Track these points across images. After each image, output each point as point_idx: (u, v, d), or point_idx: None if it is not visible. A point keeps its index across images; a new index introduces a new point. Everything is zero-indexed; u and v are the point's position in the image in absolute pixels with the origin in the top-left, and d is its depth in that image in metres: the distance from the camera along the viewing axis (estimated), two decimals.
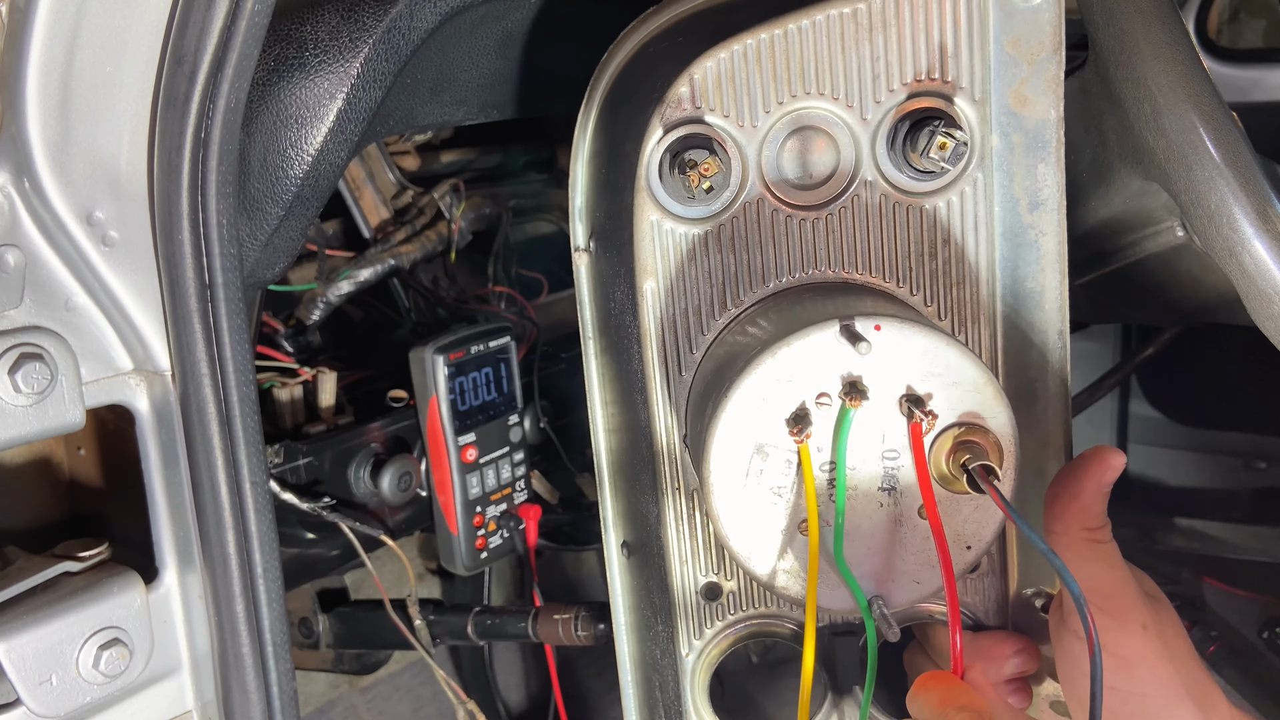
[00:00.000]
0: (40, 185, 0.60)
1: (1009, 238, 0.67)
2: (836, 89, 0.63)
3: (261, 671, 0.69)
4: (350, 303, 1.19)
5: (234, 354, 0.65)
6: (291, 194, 0.73)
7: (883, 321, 0.56)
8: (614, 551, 0.79)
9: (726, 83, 0.62)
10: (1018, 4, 0.63)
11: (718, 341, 0.66)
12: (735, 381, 0.57)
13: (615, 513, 0.78)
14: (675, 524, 0.71)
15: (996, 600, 0.73)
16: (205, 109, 0.61)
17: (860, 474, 0.59)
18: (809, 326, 0.57)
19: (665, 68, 0.65)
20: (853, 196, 0.65)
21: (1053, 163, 0.66)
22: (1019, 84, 0.64)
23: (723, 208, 0.64)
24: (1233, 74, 1.60)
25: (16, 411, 0.59)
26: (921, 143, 0.62)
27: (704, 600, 0.72)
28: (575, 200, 0.73)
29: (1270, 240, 0.67)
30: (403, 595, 1.14)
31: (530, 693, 1.68)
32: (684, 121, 0.62)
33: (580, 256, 0.74)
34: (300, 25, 0.73)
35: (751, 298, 0.66)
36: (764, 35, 0.62)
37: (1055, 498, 0.62)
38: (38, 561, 0.65)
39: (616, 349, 0.73)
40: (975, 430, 0.58)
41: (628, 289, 0.67)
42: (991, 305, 0.67)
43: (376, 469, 1.08)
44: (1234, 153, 0.67)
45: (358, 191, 1.20)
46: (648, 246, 0.65)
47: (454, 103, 0.90)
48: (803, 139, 0.64)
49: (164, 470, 0.67)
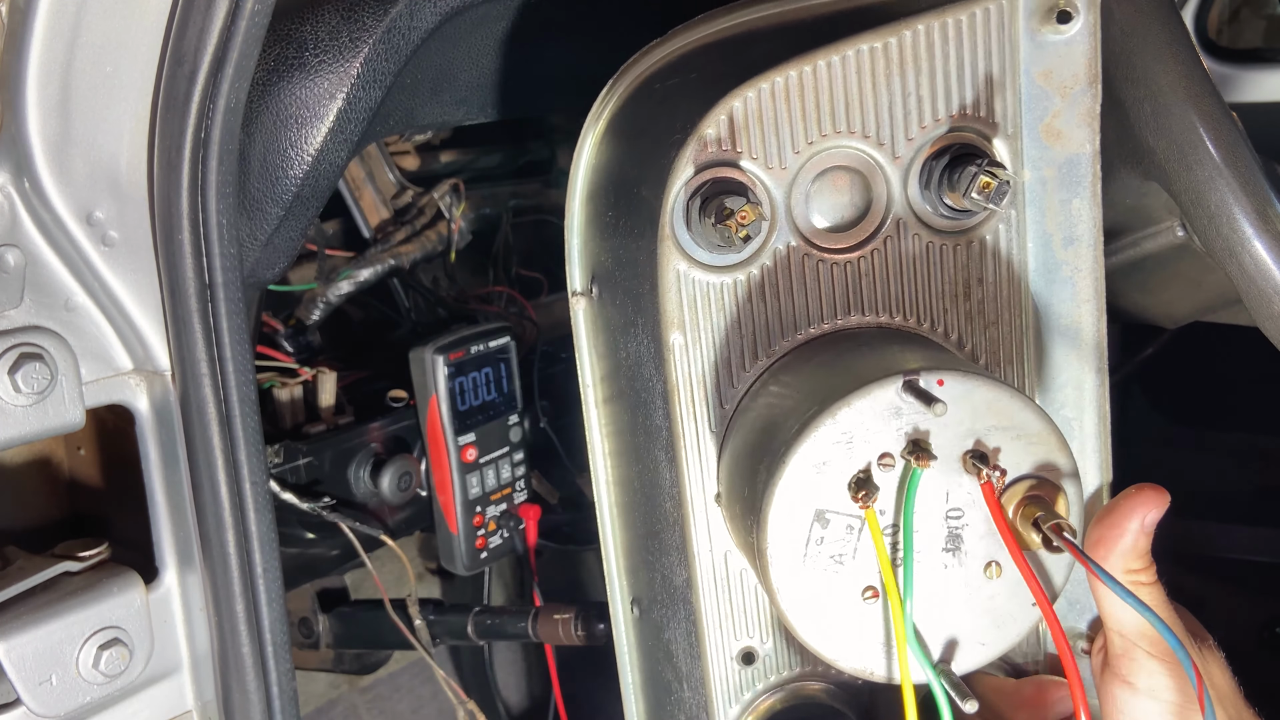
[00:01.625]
0: (40, 185, 0.60)
1: (1042, 274, 0.65)
2: (868, 126, 0.60)
3: (261, 671, 0.69)
4: (350, 303, 1.19)
5: (234, 354, 0.65)
6: (291, 194, 0.73)
7: (945, 375, 0.54)
8: (621, 608, 0.75)
9: (755, 123, 0.59)
10: (1049, 36, 0.61)
11: (751, 394, 0.63)
12: (792, 445, 0.54)
13: (622, 569, 0.75)
14: (707, 588, 0.66)
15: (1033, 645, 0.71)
16: (205, 109, 0.61)
17: (922, 535, 0.57)
18: (867, 384, 0.54)
19: (685, 105, 0.62)
20: (885, 238, 0.62)
21: (1088, 198, 0.63)
22: (1051, 117, 0.62)
23: (752, 254, 0.61)
24: (1233, 74, 1.60)
25: (16, 411, 0.59)
26: (963, 183, 0.59)
27: (740, 666, 0.68)
28: (572, 242, 0.70)
29: (1270, 240, 0.67)
30: (403, 595, 1.14)
31: (530, 693, 1.68)
32: (714, 164, 0.59)
33: (578, 301, 0.71)
34: (300, 25, 0.73)
35: (784, 347, 0.63)
36: (793, 72, 0.59)
37: (1099, 539, 0.60)
38: (38, 561, 0.65)
39: (628, 401, 0.69)
40: (1042, 485, 0.56)
41: (648, 341, 0.64)
42: (1027, 344, 0.65)
43: (376, 469, 1.08)
44: (1234, 153, 0.67)
45: (358, 191, 1.20)
46: (674, 298, 0.61)
47: (454, 103, 0.90)
48: (832, 179, 0.62)
49: (164, 470, 0.67)
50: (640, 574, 0.74)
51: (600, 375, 0.72)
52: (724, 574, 0.66)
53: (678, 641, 0.71)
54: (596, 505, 0.74)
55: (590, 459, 0.74)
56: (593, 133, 0.69)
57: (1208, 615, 0.64)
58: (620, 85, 0.69)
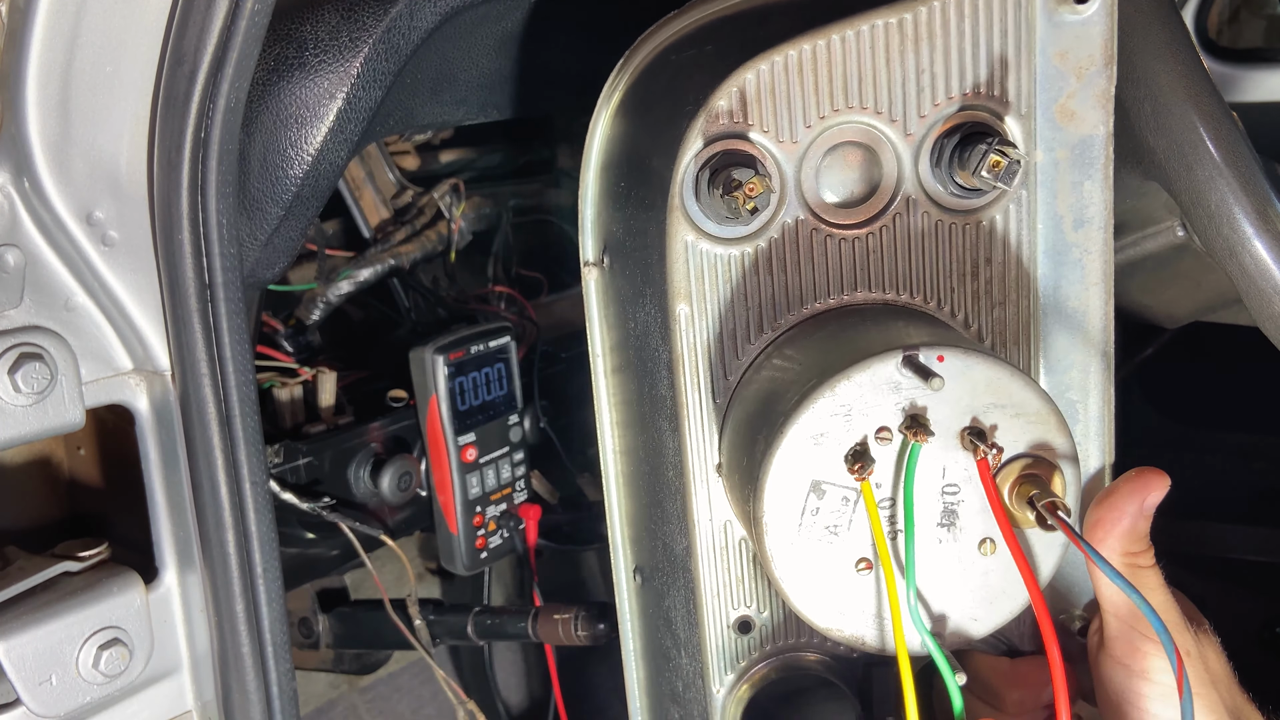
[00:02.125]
0: (40, 185, 0.60)
1: (1051, 256, 0.65)
2: (880, 102, 0.60)
3: (261, 671, 0.69)
4: (350, 303, 1.19)
5: (234, 354, 0.65)
6: (291, 194, 0.73)
7: (945, 352, 0.54)
8: (624, 576, 0.76)
9: (767, 96, 0.59)
10: (1066, 15, 0.60)
11: (755, 367, 0.63)
12: (790, 417, 0.55)
13: (626, 538, 0.76)
14: (706, 557, 0.67)
15: (1030, 624, 0.70)
16: (205, 109, 0.61)
17: (918, 509, 0.57)
18: (867, 358, 0.54)
19: (698, 78, 0.62)
20: (894, 215, 0.62)
21: (1100, 180, 0.63)
22: (1065, 98, 0.62)
23: (760, 227, 0.61)
24: (1233, 74, 1.60)
25: (16, 411, 0.59)
26: (973, 161, 0.59)
27: (736, 634, 0.69)
28: (585, 212, 0.71)
29: (1270, 240, 0.67)
30: (403, 595, 1.14)
31: (530, 693, 1.68)
32: (724, 136, 0.59)
33: (590, 271, 0.71)
34: (300, 25, 0.73)
35: (789, 321, 0.63)
36: (806, 46, 0.59)
37: (1097, 521, 0.60)
38: (38, 561, 0.65)
39: (635, 371, 0.70)
40: (1039, 464, 0.56)
41: (655, 311, 0.65)
42: (1033, 325, 0.65)
43: (376, 469, 1.08)
44: (1234, 153, 0.67)
45: (358, 191, 1.20)
46: (681, 269, 0.61)
47: (454, 103, 0.90)
48: (843, 154, 0.62)
49: (164, 470, 0.67)
50: (643, 543, 0.75)
51: (610, 345, 0.73)
52: (723, 543, 0.67)
53: (677, 609, 0.71)
54: (603, 474, 0.75)
55: (598, 428, 0.74)
56: (608, 105, 0.70)
57: (1208, 615, 0.64)
58: (636, 58, 0.69)
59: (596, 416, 0.74)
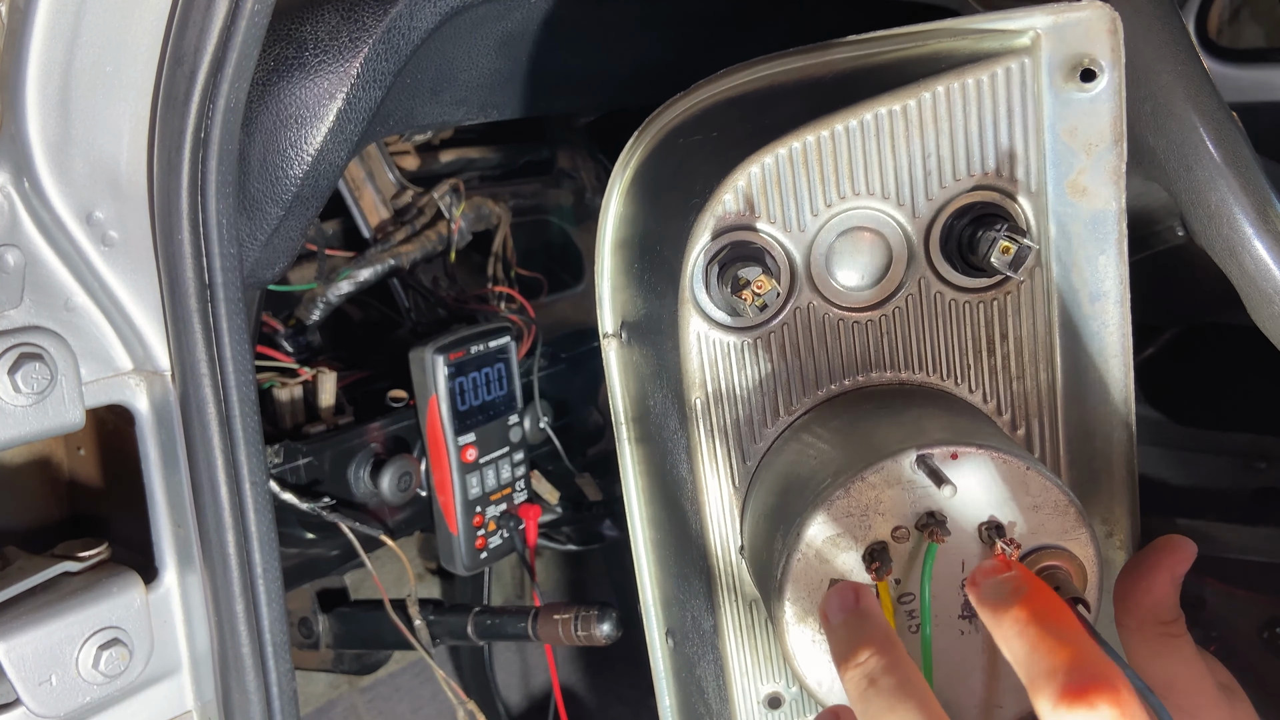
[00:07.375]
0: (40, 185, 0.60)
1: (1068, 329, 0.64)
2: (886, 188, 0.60)
3: (261, 671, 0.69)
4: (350, 303, 1.19)
5: (234, 354, 0.65)
6: (291, 194, 0.73)
7: (959, 449, 0.54)
8: (657, 638, 0.77)
9: (773, 187, 0.60)
10: (1074, 93, 0.60)
11: (773, 451, 0.63)
12: (806, 518, 0.55)
13: (657, 599, 0.76)
14: (734, 635, 0.68)
15: None
16: (205, 109, 0.61)
17: (939, 602, 0.57)
18: (881, 459, 0.54)
19: (705, 168, 0.62)
20: (906, 296, 0.62)
21: (1114, 254, 0.63)
22: (1076, 174, 0.61)
23: (772, 315, 0.62)
24: (1233, 74, 1.60)
25: (16, 411, 0.59)
26: (983, 246, 0.59)
27: (767, 709, 0.69)
28: (602, 287, 0.71)
29: (1270, 240, 0.67)
30: (403, 595, 1.14)
31: (530, 693, 1.68)
32: (731, 229, 0.60)
33: (610, 343, 0.72)
34: (300, 25, 0.73)
35: (805, 404, 0.63)
36: (810, 137, 0.59)
37: (1127, 591, 0.59)
38: (38, 561, 0.65)
39: (657, 446, 0.70)
40: (1058, 554, 0.56)
41: (671, 397, 0.65)
42: (1052, 398, 0.65)
43: (376, 469, 1.08)
44: (1234, 153, 0.67)
45: (358, 191, 1.20)
46: (695, 359, 0.62)
47: (454, 103, 0.90)
48: (852, 239, 0.62)
49: (164, 470, 0.67)
50: (673, 608, 0.75)
51: (632, 416, 0.73)
52: (749, 621, 0.67)
53: (708, 680, 0.72)
54: (632, 540, 0.76)
55: (624, 495, 0.75)
56: (619, 183, 0.70)
57: (1208, 615, 0.63)
58: (645, 137, 0.69)
59: (623, 483, 0.75)
